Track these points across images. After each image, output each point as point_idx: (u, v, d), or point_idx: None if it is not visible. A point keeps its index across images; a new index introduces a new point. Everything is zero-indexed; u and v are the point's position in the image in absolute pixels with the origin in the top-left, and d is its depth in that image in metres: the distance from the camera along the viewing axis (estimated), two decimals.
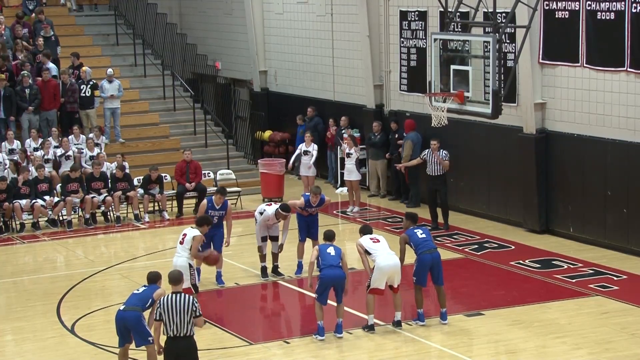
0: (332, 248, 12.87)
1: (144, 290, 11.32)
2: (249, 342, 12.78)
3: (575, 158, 17.18)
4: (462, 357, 12.10)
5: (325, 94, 23.05)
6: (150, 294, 11.23)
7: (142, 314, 11.14)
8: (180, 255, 13.28)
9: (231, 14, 25.94)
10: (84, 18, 26.17)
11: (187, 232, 13.45)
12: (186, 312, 10.24)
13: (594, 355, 12.07)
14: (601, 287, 14.70)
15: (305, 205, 15.49)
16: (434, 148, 18.11)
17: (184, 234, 13.40)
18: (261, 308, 14.98)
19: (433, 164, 18.18)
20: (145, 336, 11.07)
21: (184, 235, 13.38)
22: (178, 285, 10.46)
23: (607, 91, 16.46)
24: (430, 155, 18.20)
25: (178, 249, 13.36)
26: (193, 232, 13.44)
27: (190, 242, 13.29)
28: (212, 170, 21.51)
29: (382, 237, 13.20)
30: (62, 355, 12.59)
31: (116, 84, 22.12)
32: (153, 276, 11.47)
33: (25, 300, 14.95)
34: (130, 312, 11.10)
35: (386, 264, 12.78)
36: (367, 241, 13.09)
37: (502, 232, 18.00)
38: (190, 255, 13.35)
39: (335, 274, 12.64)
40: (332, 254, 12.75)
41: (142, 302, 11.19)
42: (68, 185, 19.25)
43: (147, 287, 11.40)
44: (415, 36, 20.36)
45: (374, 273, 12.82)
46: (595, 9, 16.41)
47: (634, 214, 16.15)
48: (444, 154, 18.12)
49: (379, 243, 13.02)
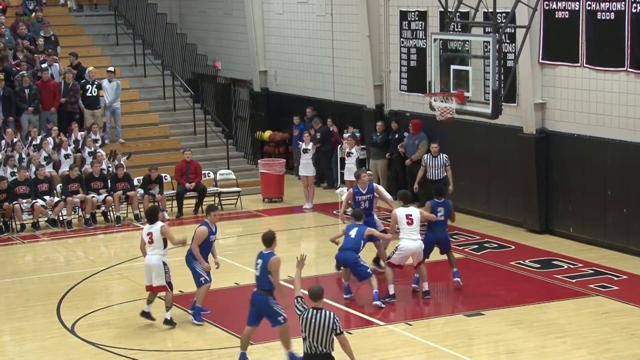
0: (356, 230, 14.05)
1: (261, 267, 11.59)
2: (249, 342, 12.76)
3: (575, 158, 17.18)
4: (462, 357, 12.10)
5: (325, 94, 23.05)
6: (265, 263, 11.58)
7: (270, 297, 11.64)
8: (154, 254, 13.12)
9: (231, 14, 25.94)
10: (84, 18, 26.17)
11: (150, 230, 13.13)
12: (326, 329, 9.49)
13: (594, 355, 12.06)
14: (601, 287, 14.70)
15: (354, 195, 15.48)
16: (434, 152, 18.00)
17: (149, 233, 13.11)
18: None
19: (434, 168, 18.07)
20: (275, 317, 11.63)
21: (150, 234, 13.11)
22: (319, 301, 9.65)
23: (607, 91, 16.46)
24: (431, 160, 18.09)
25: (149, 249, 13.14)
26: (155, 226, 13.15)
27: (160, 239, 13.09)
28: (212, 170, 21.51)
29: (416, 215, 13.98)
30: (62, 355, 12.58)
31: (115, 84, 22.12)
32: (269, 238, 11.74)
33: (25, 300, 14.95)
34: (260, 296, 11.63)
35: (407, 248, 13.89)
36: (402, 218, 13.91)
37: (502, 232, 18.00)
38: (175, 244, 13.27)
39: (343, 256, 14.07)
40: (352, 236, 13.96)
41: (268, 283, 11.58)
42: (69, 185, 19.26)
43: (262, 257, 11.62)
44: (415, 36, 20.36)
45: (396, 252, 13.95)
46: (595, 9, 16.41)
47: (634, 214, 16.15)
48: (445, 158, 18.00)
49: (411, 226, 13.90)
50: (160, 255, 13.08)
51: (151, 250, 13.11)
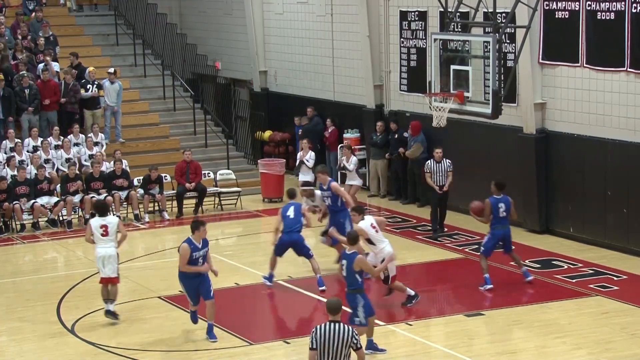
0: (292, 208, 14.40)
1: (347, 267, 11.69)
2: (249, 342, 12.78)
3: (575, 158, 17.18)
4: (462, 357, 12.09)
5: (325, 94, 23.04)
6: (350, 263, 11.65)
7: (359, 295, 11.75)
8: (109, 246, 13.36)
9: (231, 14, 25.94)
10: (84, 18, 26.17)
11: (104, 223, 13.37)
12: (343, 344, 8.97)
13: (594, 355, 12.06)
14: (601, 287, 14.70)
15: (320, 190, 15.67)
16: (437, 157, 17.60)
17: (104, 226, 13.33)
18: (261, 308, 14.97)
19: (437, 173, 17.72)
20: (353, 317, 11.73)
21: (104, 227, 13.32)
22: (337, 315, 9.12)
23: (607, 91, 16.46)
24: (434, 165, 17.62)
25: (101, 242, 13.34)
26: (109, 220, 13.47)
27: (115, 232, 13.38)
28: (212, 171, 21.51)
29: (376, 222, 13.64)
30: (62, 356, 12.58)
31: (117, 85, 22.11)
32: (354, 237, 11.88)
33: (25, 300, 14.95)
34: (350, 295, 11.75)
35: (390, 251, 13.42)
36: (370, 229, 13.48)
37: None
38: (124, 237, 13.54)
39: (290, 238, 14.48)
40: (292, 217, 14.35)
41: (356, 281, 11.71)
42: (67, 184, 19.25)
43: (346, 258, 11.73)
44: (415, 36, 20.36)
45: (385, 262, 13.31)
46: (595, 9, 16.41)
47: (634, 214, 16.15)
48: (447, 164, 17.60)
49: (378, 233, 13.53)
50: (114, 248, 13.42)
51: (105, 243, 13.37)
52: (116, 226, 13.44)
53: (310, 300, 14.55)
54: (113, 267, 13.40)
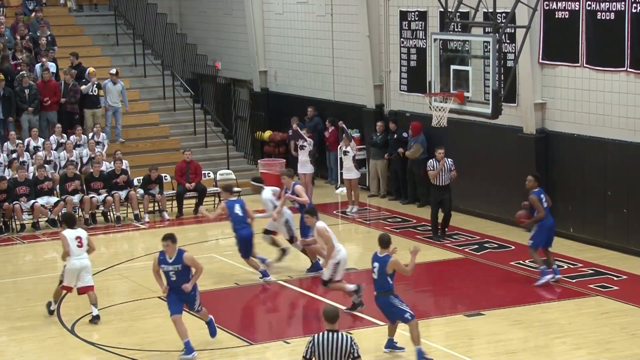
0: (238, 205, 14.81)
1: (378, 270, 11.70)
2: (249, 342, 12.78)
3: (575, 158, 17.18)
4: (462, 357, 12.09)
5: (325, 94, 23.05)
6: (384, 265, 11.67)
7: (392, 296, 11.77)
8: (84, 257, 13.58)
9: (231, 14, 25.94)
10: (84, 18, 26.18)
11: (78, 235, 13.58)
12: (342, 353, 8.78)
13: (594, 355, 12.06)
14: (601, 287, 14.70)
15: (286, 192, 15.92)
16: (439, 157, 17.35)
17: (78, 238, 13.54)
18: (261, 308, 14.97)
19: (439, 173, 17.43)
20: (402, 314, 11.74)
21: (79, 239, 13.53)
22: (335, 324, 8.95)
23: (607, 91, 16.46)
24: (437, 166, 17.34)
25: (77, 253, 13.49)
26: (80, 232, 13.68)
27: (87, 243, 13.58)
28: (212, 171, 21.51)
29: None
30: (62, 356, 12.59)
31: (119, 86, 22.10)
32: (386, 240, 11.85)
33: (25, 300, 14.95)
34: (382, 298, 11.80)
35: (344, 256, 13.62)
36: (329, 231, 13.67)
37: (502, 232, 17.99)
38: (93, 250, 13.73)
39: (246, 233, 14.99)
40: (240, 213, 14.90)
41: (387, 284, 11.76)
42: (66, 184, 19.25)
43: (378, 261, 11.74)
44: (415, 36, 20.36)
45: (339, 266, 13.51)
46: (595, 9, 16.41)
47: (634, 214, 16.15)
48: (450, 163, 17.36)
49: (333, 234, 13.76)
50: (87, 258, 13.63)
51: (81, 254, 13.57)
52: (87, 238, 13.69)
53: (311, 300, 14.55)
54: (87, 276, 13.66)
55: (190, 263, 12.09)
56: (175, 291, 12.14)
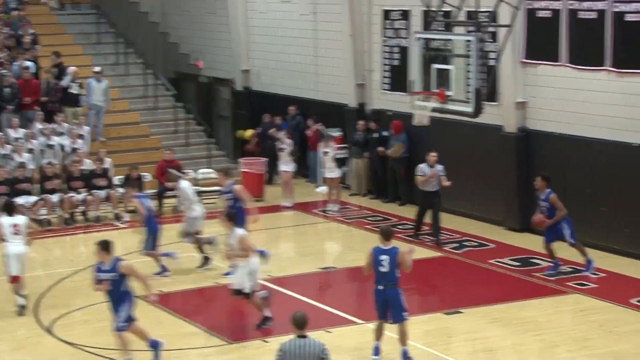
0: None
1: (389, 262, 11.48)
2: (228, 342, 12.71)
3: (556, 157, 17.18)
4: (440, 355, 12.06)
5: (308, 93, 22.98)
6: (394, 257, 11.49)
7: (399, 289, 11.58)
8: (19, 244, 13.76)
9: (214, 12, 25.85)
10: (66, 17, 26.03)
11: (16, 222, 13.80)
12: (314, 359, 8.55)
13: (571, 353, 12.06)
14: (579, 284, 14.70)
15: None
16: (432, 162, 17.01)
17: (15, 225, 13.75)
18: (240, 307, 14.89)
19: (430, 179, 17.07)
20: (400, 311, 11.55)
21: (16, 226, 13.75)
22: (304, 329, 8.67)
23: (588, 90, 16.47)
24: (428, 170, 17.00)
25: (13, 240, 13.71)
26: (19, 219, 13.88)
27: (25, 231, 13.76)
28: (193, 170, 21.41)
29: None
30: (39, 356, 12.47)
31: (104, 84, 21.98)
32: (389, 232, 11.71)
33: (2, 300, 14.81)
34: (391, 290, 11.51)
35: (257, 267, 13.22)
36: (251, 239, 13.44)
37: (482, 231, 17.99)
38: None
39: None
40: None
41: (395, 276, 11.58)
42: (47, 183, 19.12)
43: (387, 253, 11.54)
44: (398, 35, 20.33)
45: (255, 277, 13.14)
46: (577, 9, 16.42)
47: (614, 212, 16.17)
48: (440, 169, 17.06)
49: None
50: (24, 246, 13.80)
51: (16, 241, 13.72)
52: (26, 226, 13.85)
53: (290, 299, 14.49)
54: (23, 265, 13.85)
55: (127, 271, 11.39)
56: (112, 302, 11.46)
